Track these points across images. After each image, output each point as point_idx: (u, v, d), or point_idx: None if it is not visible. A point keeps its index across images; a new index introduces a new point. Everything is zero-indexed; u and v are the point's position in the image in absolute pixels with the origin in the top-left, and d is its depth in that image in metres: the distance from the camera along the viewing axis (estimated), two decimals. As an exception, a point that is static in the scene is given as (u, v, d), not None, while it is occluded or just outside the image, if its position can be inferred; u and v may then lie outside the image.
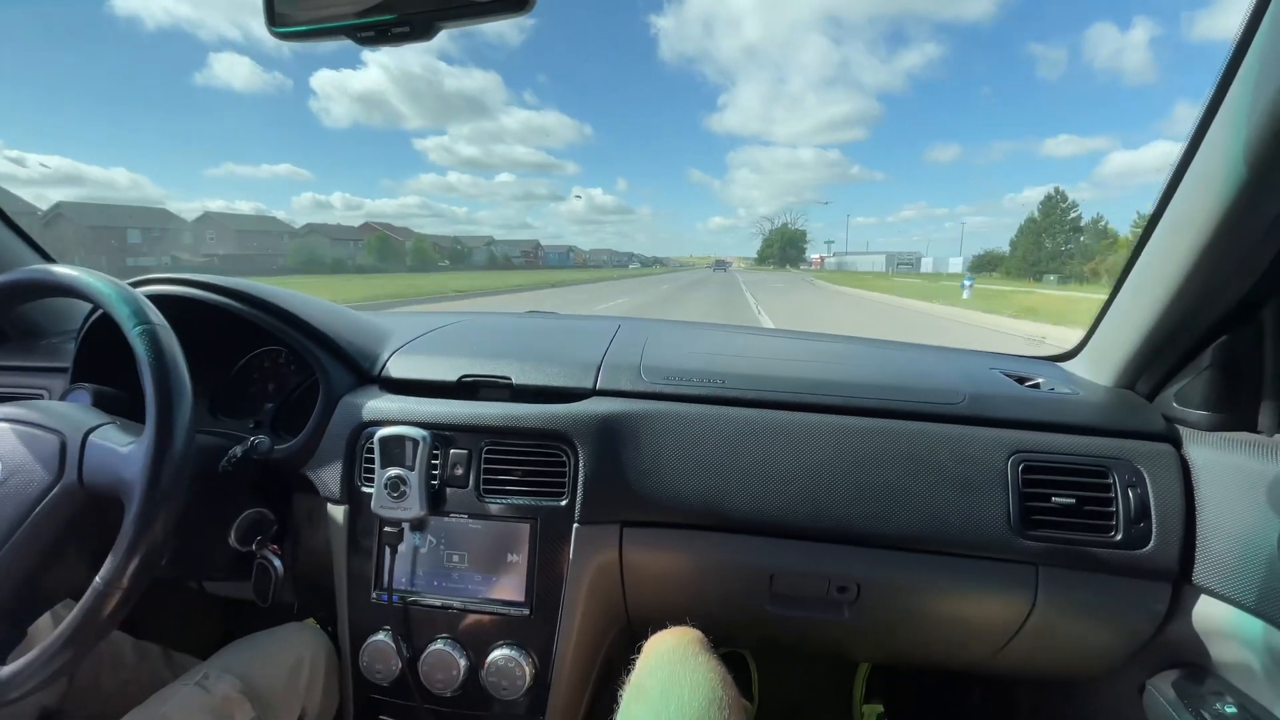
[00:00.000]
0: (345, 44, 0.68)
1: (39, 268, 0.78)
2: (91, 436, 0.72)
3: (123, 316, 0.72)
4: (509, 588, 0.93)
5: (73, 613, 0.65)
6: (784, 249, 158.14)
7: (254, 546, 0.95)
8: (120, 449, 0.70)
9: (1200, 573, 0.81)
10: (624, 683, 0.70)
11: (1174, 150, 0.82)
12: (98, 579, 0.65)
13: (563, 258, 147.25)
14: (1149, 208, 0.88)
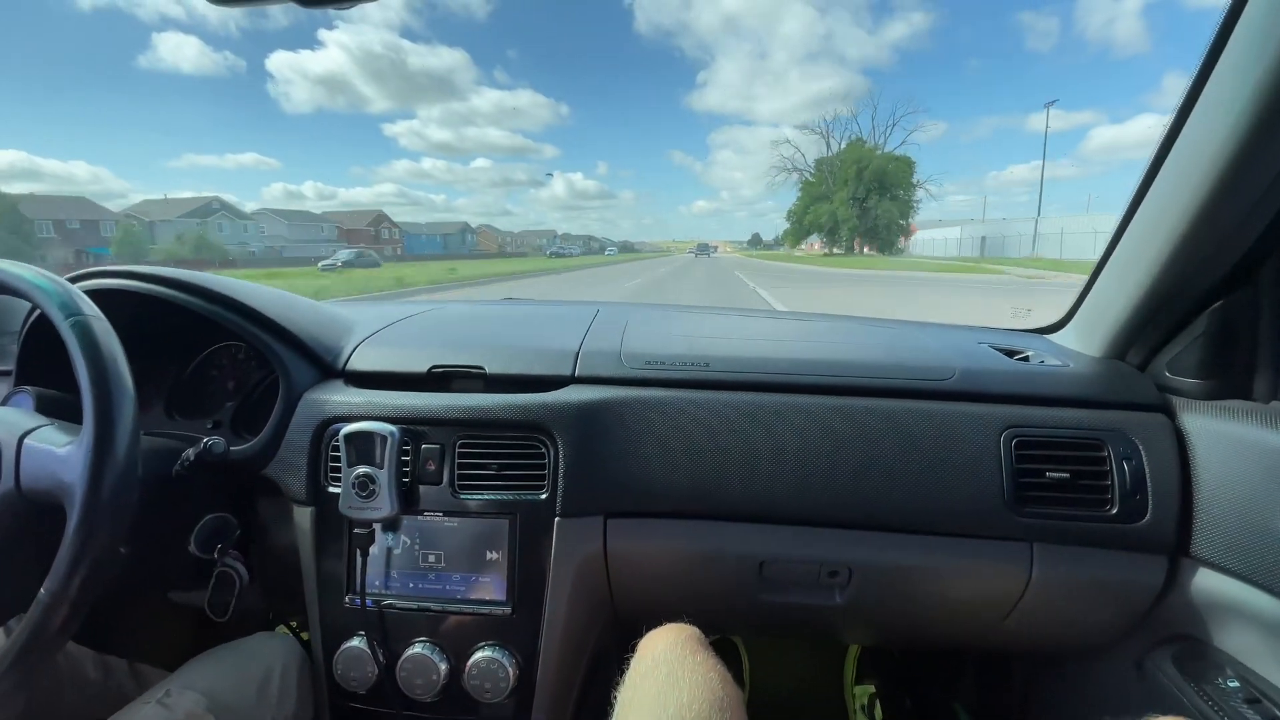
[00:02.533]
0: (299, 21, 0.62)
1: None
2: (27, 439, 0.66)
3: (53, 308, 0.67)
4: (489, 586, 0.89)
5: (18, 629, 0.60)
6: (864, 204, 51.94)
7: (215, 554, 0.89)
8: (58, 450, 0.64)
9: (1198, 544, 0.79)
10: (617, 683, 0.67)
11: (1160, 124, 0.79)
12: (42, 591, 0.60)
13: (455, 241, 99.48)
14: (1132, 184, 0.83)
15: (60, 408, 0.86)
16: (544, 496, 0.88)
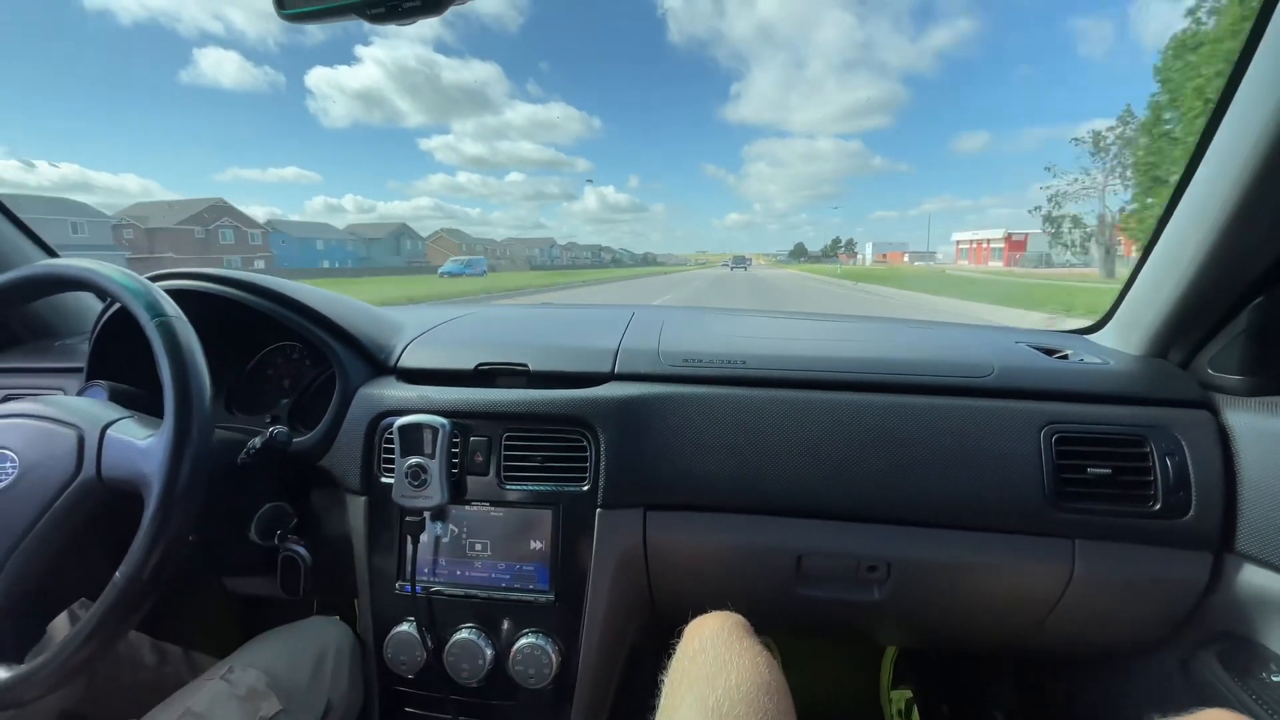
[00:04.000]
0: (335, 37, 0.67)
1: (51, 262, 0.77)
2: (110, 430, 0.71)
3: (139, 309, 0.71)
4: (533, 575, 0.92)
5: (93, 608, 0.64)
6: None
7: (275, 540, 0.94)
8: (139, 442, 0.69)
9: (1243, 540, 0.78)
10: (664, 666, 0.68)
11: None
12: (118, 574, 0.64)
13: (383, 249, 75.26)
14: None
15: (131, 400, 0.91)
16: (585, 488, 0.91)
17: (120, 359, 1.00)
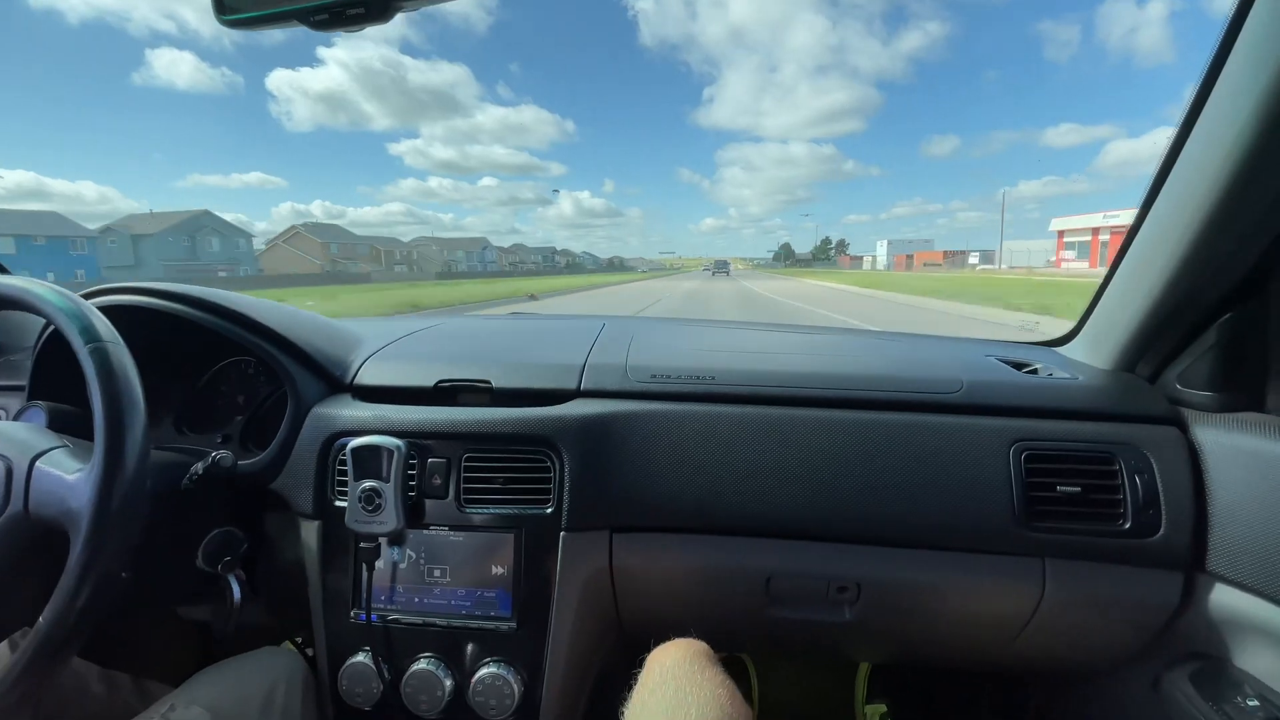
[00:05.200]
0: (296, 37, 0.64)
1: None
2: (39, 463, 0.67)
3: (72, 332, 0.67)
4: (494, 601, 0.88)
5: (17, 652, 0.60)
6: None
7: (220, 568, 0.90)
8: (67, 476, 0.65)
9: (1214, 559, 0.78)
10: (625, 699, 0.66)
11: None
12: (42, 617, 0.60)
13: (178, 249, 55.02)
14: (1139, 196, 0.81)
15: (72, 422, 0.86)
16: (549, 511, 0.88)
17: (62, 377, 0.96)
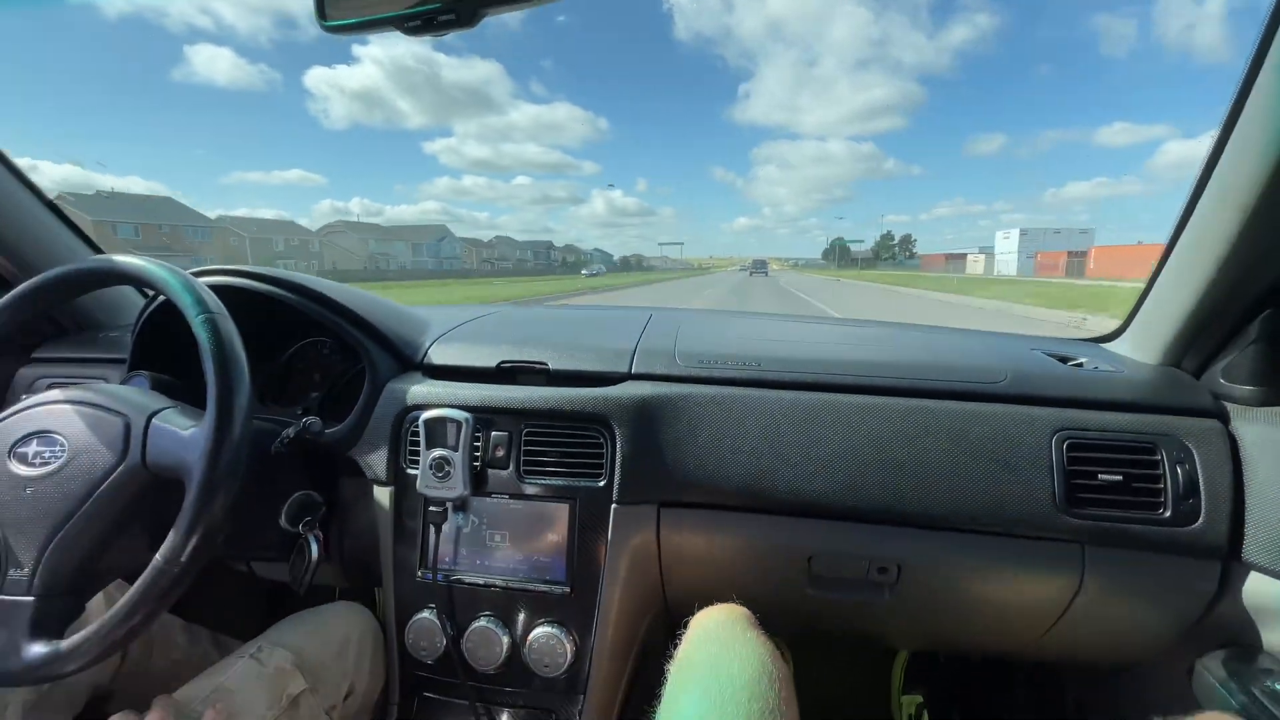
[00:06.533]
0: (328, 37, 0.70)
1: (105, 258, 0.81)
2: (155, 420, 0.74)
3: (186, 304, 0.75)
4: (549, 567, 0.95)
5: (132, 589, 0.67)
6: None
7: (301, 528, 0.98)
8: (183, 432, 0.72)
9: (1250, 549, 0.79)
10: (669, 658, 0.70)
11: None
12: (158, 556, 0.67)
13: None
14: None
15: (172, 390, 0.95)
16: (602, 484, 0.93)
17: (161, 351, 1.05)
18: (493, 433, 0.96)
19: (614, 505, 0.93)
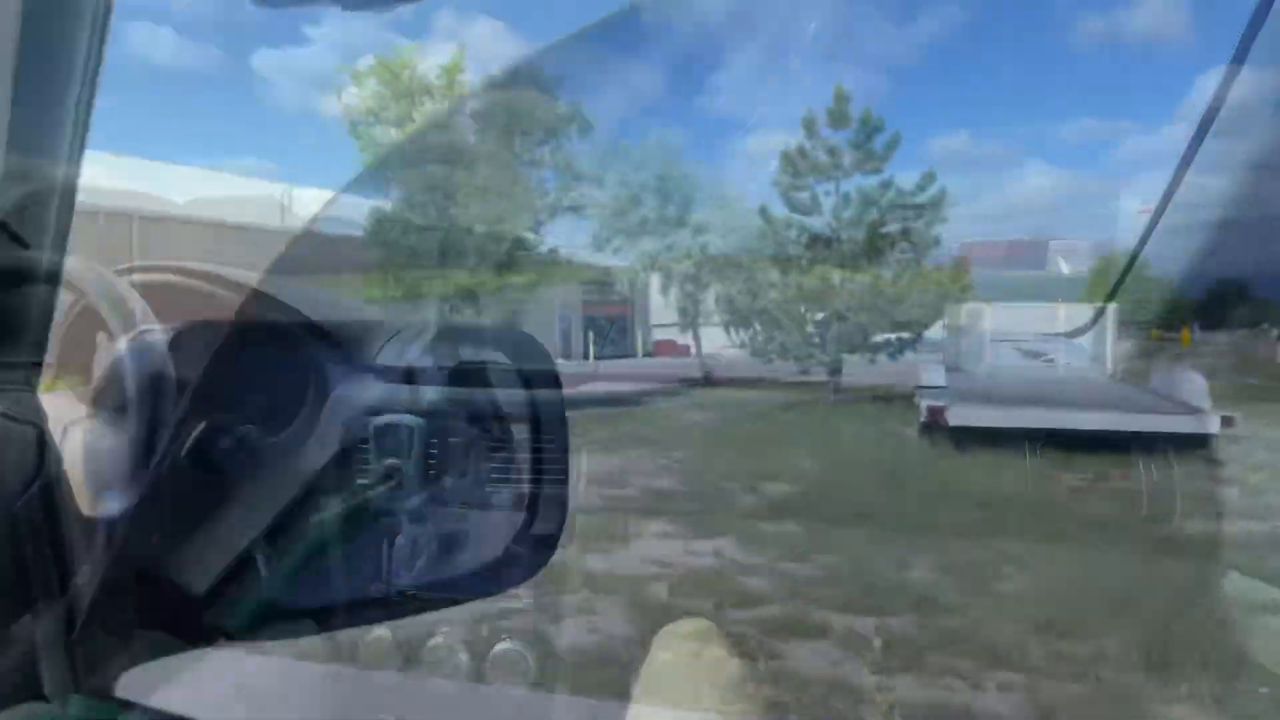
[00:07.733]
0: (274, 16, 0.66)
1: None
2: None
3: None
4: (512, 576, 0.91)
5: None
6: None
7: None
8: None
9: (1231, 550, 0.79)
10: (636, 673, 0.68)
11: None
12: None
13: None
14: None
15: None
16: (563, 490, 0.89)
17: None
18: (448, 439, 0.92)
19: (577, 512, 0.89)
